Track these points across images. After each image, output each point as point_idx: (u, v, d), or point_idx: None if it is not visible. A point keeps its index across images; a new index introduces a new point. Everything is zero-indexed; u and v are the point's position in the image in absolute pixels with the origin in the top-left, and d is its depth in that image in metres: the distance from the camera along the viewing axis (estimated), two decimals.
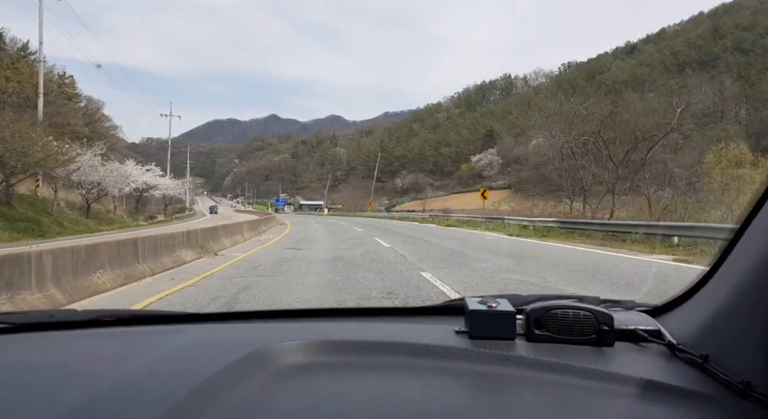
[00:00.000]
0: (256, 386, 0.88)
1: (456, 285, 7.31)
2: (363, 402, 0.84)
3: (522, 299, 1.27)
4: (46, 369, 1.01)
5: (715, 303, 0.95)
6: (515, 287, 7.14)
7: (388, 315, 1.50)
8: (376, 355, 1.02)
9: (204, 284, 7.76)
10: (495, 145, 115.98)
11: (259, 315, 1.47)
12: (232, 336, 1.23)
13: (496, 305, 1.13)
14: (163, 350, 1.10)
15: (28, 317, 1.47)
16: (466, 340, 1.09)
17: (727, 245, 0.97)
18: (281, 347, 1.03)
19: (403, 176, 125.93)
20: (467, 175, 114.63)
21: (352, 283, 7.57)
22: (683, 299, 1.13)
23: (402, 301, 6.29)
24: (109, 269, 7.36)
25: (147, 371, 0.96)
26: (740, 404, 0.80)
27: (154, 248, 9.33)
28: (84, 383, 0.90)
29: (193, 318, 1.47)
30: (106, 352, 1.12)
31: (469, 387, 0.92)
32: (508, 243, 16.29)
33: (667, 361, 1.01)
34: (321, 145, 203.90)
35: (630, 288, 7.09)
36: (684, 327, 1.04)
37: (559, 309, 1.08)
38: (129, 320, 1.43)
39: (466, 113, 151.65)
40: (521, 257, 11.69)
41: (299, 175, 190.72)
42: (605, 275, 8.38)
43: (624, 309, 1.30)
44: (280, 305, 6.00)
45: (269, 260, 11.08)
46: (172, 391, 0.83)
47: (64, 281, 6.26)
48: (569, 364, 0.94)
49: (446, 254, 12.25)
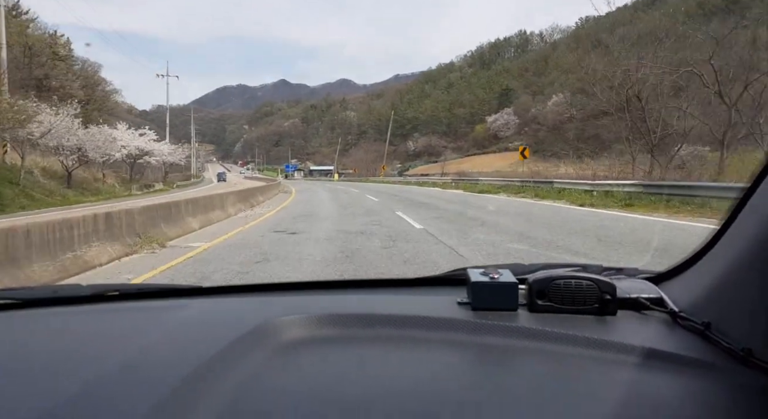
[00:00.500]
0: (260, 361, 0.88)
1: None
2: (367, 376, 0.85)
3: (524, 269, 1.25)
4: (52, 346, 1.02)
5: (718, 270, 0.95)
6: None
7: (390, 286, 1.47)
8: (380, 328, 1.02)
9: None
10: (511, 104, 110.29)
11: (262, 287, 1.49)
12: (236, 311, 1.23)
13: (499, 276, 1.13)
14: (168, 326, 1.10)
15: (32, 292, 1.51)
16: (468, 311, 1.09)
17: (732, 211, 0.95)
18: (284, 321, 1.04)
19: (416, 139, 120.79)
20: (482, 136, 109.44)
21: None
22: (686, 266, 1.12)
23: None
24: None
25: (152, 348, 0.96)
26: (741, 371, 0.81)
27: (45, 242, 5.45)
28: (90, 360, 0.91)
29: (197, 291, 1.46)
30: (111, 329, 1.14)
31: (472, 359, 0.93)
32: (627, 222, 10.51)
33: (669, 329, 1.01)
34: (331, 109, 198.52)
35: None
36: (686, 295, 1.04)
37: (562, 279, 1.08)
38: (133, 294, 1.44)
39: (480, 72, 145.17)
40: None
41: (309, 140, 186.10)
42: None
43: (627, 277, 1.27)
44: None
45: (237, 257, 6.98)
46: (178, 368, 0.83)
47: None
48: (572, 334, 0.94)
49: (542, 247, 7.34)
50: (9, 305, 1.30)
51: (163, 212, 9.25)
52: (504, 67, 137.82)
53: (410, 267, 6.02)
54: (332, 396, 0.78)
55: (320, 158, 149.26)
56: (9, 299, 1.33)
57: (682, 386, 0.81)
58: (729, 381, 0.81)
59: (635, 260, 6.12)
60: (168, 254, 7.35)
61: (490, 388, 0.81)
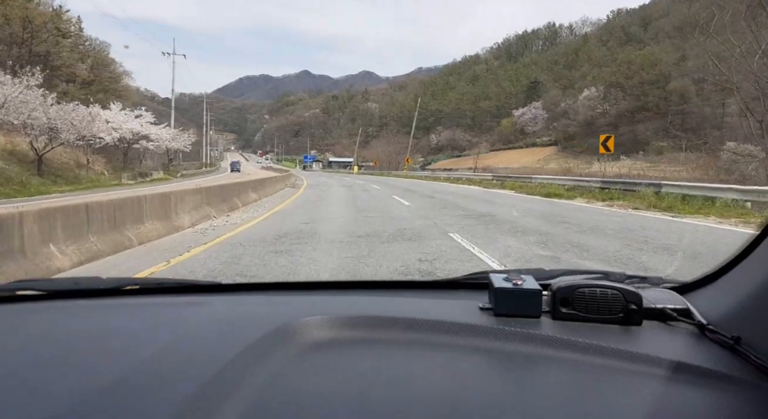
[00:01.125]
0: (283, 362, 0.88)
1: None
2: (390, 379, 0.84)
3: (547, 274, 1.26)
4: (76, 339, 1.03)
5: (750, 282, 0.93)
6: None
7: (411, 288, 1.48)
8: (402, 331, 1.02)
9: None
10: (540, 98, 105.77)
11: (282, 286, 1.50)
12: (258, 310, 1.24)
13: (522, 282, 1.11)
14: (191, 323, 1.11)
15: (54, 284, 1.50)
16: (490, 317, 1.09)
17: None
18: (306, 322, 1.04)
19: (439, 132, 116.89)
20: (509, 130, 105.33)
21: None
22: (715, 277, 1.11)
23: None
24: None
25: (177, 344, 0.97)
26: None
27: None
28: (115, 355, 0.92)
29: (218, 288, 1.46)
30: (134, 323, 1.15)
31: (494, 365, 0.92)
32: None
33: (697, 342, 0.98)
34: (352, 100, 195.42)
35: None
36: (715, 307, 1.03)
37: (587, 287, 1.07)
38: (153, 289, 1.45)
39: (507, 65, 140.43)
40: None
41: (330, 131, 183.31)
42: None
43: (651, 286, 1.26)
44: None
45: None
46: (203, 366, 0.84)
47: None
48: (596, 343, 0.93)
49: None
50: (31, 297, 1.32)
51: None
52: (532, 60, 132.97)
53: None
54: (355, 398, 0.78)
55: (340, 149, 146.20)
56: (32, 291, 1.34)
57: (710, 401, 0.79)
58: (759, 398, 0.78)
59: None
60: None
61: (512, 396, 0.80)
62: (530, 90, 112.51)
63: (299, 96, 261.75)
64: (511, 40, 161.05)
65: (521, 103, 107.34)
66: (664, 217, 11.97)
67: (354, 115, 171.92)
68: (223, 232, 9.18)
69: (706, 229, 9.83)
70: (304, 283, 1.53)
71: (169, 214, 9.20)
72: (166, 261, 6.53)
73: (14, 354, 0.94)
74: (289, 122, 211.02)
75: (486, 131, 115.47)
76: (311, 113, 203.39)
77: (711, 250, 7.27)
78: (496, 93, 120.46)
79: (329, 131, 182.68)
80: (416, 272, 5.75)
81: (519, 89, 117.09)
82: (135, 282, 1.46)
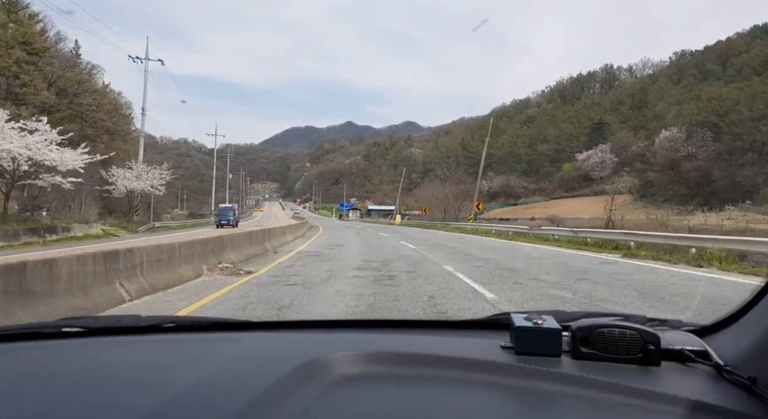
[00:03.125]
0: (311, 396, 0.90)
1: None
2: (413, 413, 0.87)
3: (567, 316, 1.27)
4: (115, 373, 1.08)
5: (764, 325, 0.95)
6: None
7: (435, 328, 1.52)
8: (427, 368, 1.04)
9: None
10: (606, 140, 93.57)
11: (310, 324, 1.58)
12: (287, 346, 1.28)
13: (542, 322, 1.12)
14: (223, 358, 1.15)
15: (97, 321, 1.57)
16: (512, 356, 1.10)
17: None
18: (334, 357, 1.06)
19: (490, 178, 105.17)
20: (572, 176, 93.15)
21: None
22: (732, 320, 1.12)
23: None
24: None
25: (209, 378, 1.00)
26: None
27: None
28: (152, 388, 0.96)
29: (249, 326, 1.52)
30: (169, 358, 1.20)
31: (516, 403, 0.93)
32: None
33: (714, 382, 0.99)
34: (395, 146, 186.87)
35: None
36: (732, 348, 1.04)
37: (606, 328, 1.08)
38: (188, 326, 1.53)
39: (562, 107, 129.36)
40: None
41: (371, 178, 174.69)
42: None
43: (671, 329, 1.27)
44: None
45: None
46: (234, 399, 0.87)
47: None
48: (615, 383, 0.94)
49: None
50: (76, 334, 1.38)
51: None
52: (593, 101, 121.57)
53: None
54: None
55: (381, 196, 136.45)
56: (76, 328, 1.40)
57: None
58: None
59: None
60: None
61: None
62: (594, 132, 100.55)
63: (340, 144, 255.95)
64: (565, 82, 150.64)
65: (584, 146, 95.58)
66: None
67: (396, 161, 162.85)
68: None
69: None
70: (332, 321, 1.55)
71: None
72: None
73: (57, 387, 0.98)
74: (328, 169, 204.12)
75: (544, 176, 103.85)
76: (351, 160, 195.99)
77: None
78: (555, 136, 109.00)
79: (370, 178, 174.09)
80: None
81: (581, 131, 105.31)
82: (172, 320, 1.52)
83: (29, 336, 1.37)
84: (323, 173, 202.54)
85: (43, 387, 0.97)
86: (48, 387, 0.97)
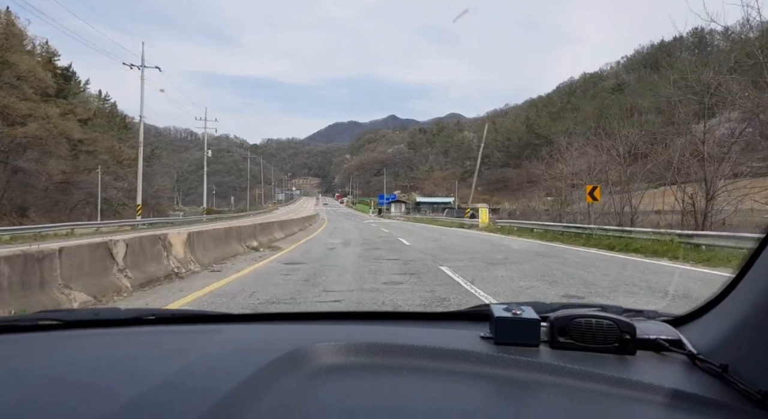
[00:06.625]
0: (292, 386, 0.91)
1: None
2: (394, 404, 0.88)
3: (546, 307, 1.29)
4: (92, 366, 1.07)
5: (737, 314, 0.97)
6: None
7: (416, 319, 1.53)
8: (407, 358, 1.05)
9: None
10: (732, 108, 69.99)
11: (290, 316, 1.55)
12: (268, 337, 1.28)
13: (521, 313, 1.15)
14: (203, 350, 1.14)
15: (74, 314, 1.59)
16: (491, 346, 1.12)
17: (751, 256, 0.98)
18: (316, 348, 1.07)
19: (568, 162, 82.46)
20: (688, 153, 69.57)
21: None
22: (705, 310, 1.15)
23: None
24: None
25: (189, 370, 1.00)
26: (758, 413, 0.82)
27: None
28: (129, 381, 0.94)
29: (229, 318, 1.51)
30: (148, 351, 1.18)
31: (495, 392, 0.95)
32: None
33: (688, 370, 1.02)
34: (443, 132, 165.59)
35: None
36: (705, 337, 1.07)
37: (583, 318, 1.11)
38: (168, 319, 1.50)
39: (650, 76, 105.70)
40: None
41: (416, 167, 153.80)
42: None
43: (646, 319, 1.30)
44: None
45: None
46: (214, 390, 0.86)
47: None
48: (592, 371, 0.96)
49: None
50: (52, 326, 1.37)
51: None
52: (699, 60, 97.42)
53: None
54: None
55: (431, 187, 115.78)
56: (52, 321, 1.38)
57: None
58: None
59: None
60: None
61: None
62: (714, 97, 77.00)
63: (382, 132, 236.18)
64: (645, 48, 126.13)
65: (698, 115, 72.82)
66: None
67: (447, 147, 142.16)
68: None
69: None
70: (312, 313, 1.57)
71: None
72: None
73: (34, 379, 0.97)
74: (369, 159, 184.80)
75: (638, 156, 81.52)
76: (395, 149, 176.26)
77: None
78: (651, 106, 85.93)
79: (416, 167, 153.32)
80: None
81: (692, 95, 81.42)
82: (151, 313, 1.48)
83: (5, 328, 1.34)
84: (363, 164, 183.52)
85: (18, 380, 0.96)
86: (23, 379, 0.96)
